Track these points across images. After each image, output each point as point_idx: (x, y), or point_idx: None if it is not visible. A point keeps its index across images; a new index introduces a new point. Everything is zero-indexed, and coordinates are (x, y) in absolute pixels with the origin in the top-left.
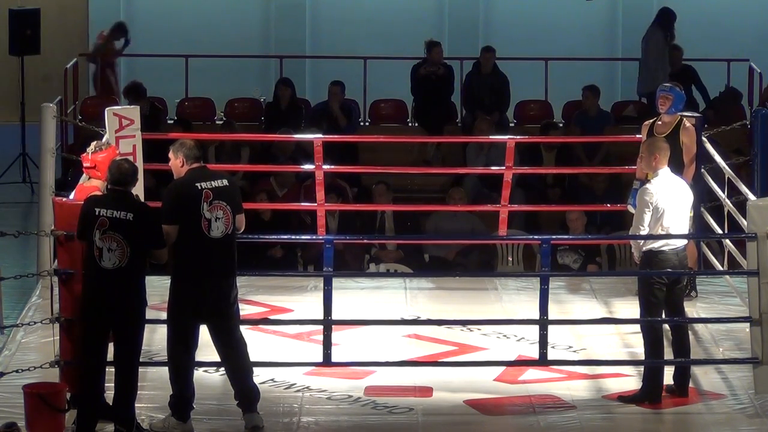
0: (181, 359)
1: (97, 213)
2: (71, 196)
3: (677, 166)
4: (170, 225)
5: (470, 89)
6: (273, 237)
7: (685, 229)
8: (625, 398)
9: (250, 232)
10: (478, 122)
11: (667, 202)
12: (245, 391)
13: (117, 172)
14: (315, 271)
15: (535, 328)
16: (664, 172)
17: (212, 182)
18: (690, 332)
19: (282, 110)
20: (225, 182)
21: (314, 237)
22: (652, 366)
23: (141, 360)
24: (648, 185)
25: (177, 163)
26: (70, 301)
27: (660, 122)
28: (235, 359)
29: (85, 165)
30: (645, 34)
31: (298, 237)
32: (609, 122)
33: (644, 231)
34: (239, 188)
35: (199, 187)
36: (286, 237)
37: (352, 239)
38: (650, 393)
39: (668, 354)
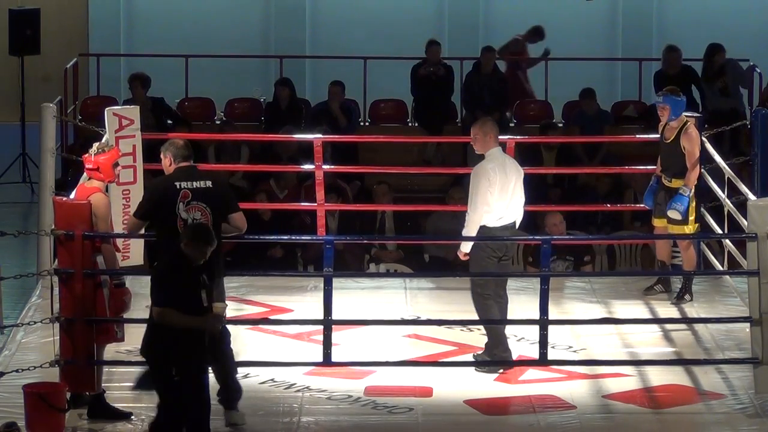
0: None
1: None
2: (71, 196)
3: (683, 171)
4: (137, 219)
5: (470, 89)
6: (273, 237)
7: (520, 204)
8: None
9: (250, 232)
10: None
11: (502, 180)
12: (228, 388)
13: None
14: (315, 271)
15: (535, 328)
16: (497, 151)
17: (194, 183)
18: (690, 332)
19: (282, 110)
20: (209, 183)
21: (314, 237)
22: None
23: (141, 360)
24: (483, 163)
25: (166, 162)
26: (70, 301)
27: (668, 127)
28: (219, 356)
29: (87, 167)
30: None
31: (298, 237)
32: (608, 121)
33: (486, 209)
34: (229, 189)
35: (178, 186)
36: (286, 237)
37: (352, 240)
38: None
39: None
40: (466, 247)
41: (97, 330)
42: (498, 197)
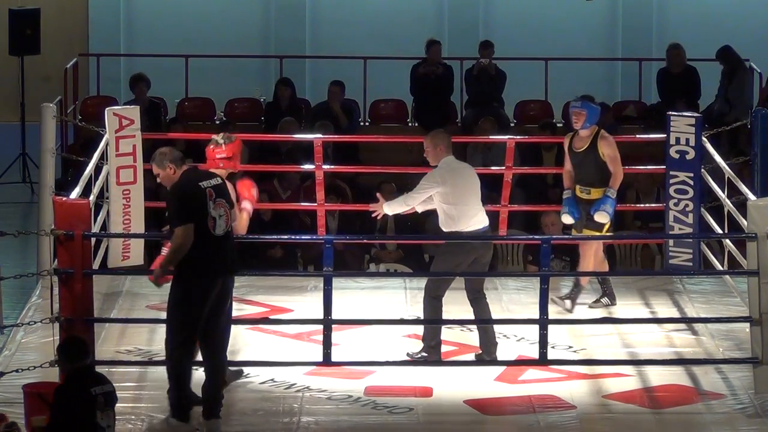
0: (185, 360)
1: None
2: None
3: (603, 179)
4: (186, 225)
5: (470, 82)
6: (273, 237)
7: (480, 208)
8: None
9: (251, 232)
10: (482, 122)
11: (460, 185)
12: (217, 396)
13: None
14: (315, 271)
15: (535, 328)
16: (449, 160)
17: (210, 181)
18: (690, 332)
19: (282, 110)
20: (219, 180)
21: (314, 237)
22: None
23: (141, 360)
24: (436, 170)
25: (169, 173)
26: (70, 301)
27: (577, 137)
28: (217, 360)
29: (219, 156)
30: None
31: (298, 237)
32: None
33: (412, 204)
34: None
35: (202, 186)
36: (286, 237)
37: (352, 240)
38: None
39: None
40: (388, 208)
41: None
42: (457, 202)
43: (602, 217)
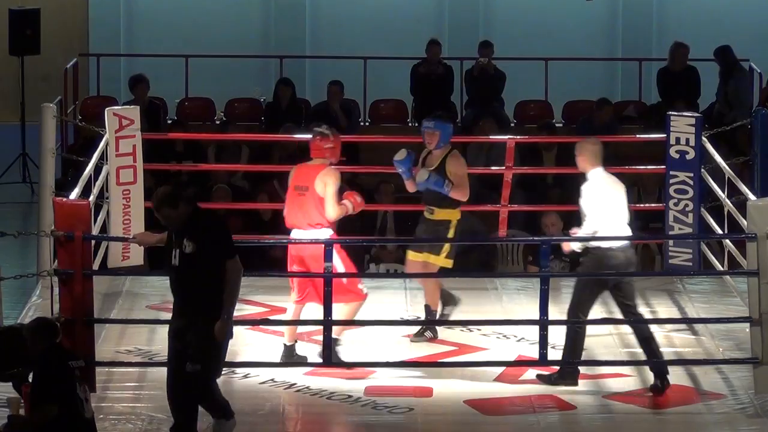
0: None
1: None
2: (291, 174)
3: (448, 200)
4: (236, 256)
5: (470, 82)
6: (272, 240)
7: (625, 223)
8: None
9: (250, 231)
10: (482, 122)
11: (609, 199)
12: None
13: None
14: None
15: (535, 328)
16: (599, 172)
17: None
18: (690, 332)
19: (282, 110)
20: None
21: (314, 239)
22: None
23: (141, 360)
24: (596, 183)
25: (187, 209)
26: (70, 301)
27: (430, 155)
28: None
29: (327, 146)
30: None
31: (298, 239)
32: (615, 131)
33: (599, 227)
34: None
35: None
36: (285, 239)
37: (352, 241)
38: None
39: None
40: (575, 245)
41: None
42: (609, 217)
43: (420, 175)
